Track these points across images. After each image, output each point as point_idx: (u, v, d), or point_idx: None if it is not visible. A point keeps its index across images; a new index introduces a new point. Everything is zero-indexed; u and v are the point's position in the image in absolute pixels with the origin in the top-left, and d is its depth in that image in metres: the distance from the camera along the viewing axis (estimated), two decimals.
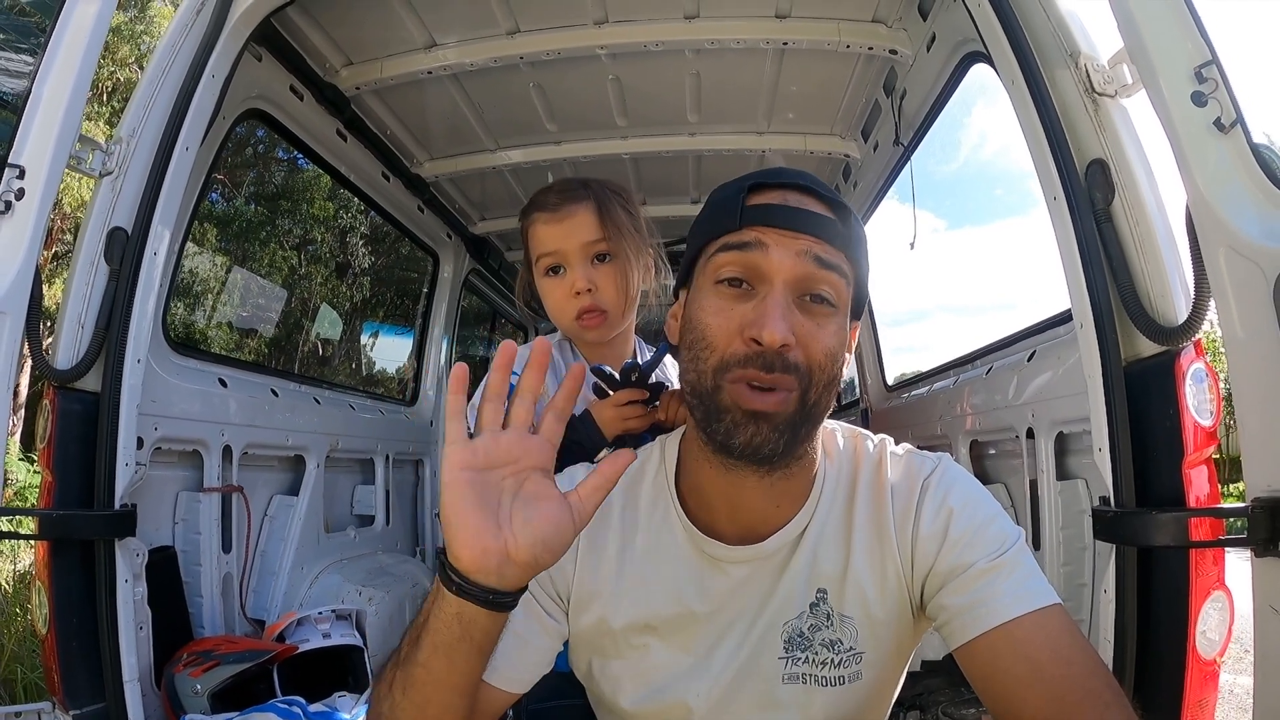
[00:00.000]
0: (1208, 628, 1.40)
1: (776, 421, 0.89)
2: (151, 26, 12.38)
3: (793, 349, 0.89)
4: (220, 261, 11.75)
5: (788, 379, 0.89)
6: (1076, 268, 1.53)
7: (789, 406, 0.90)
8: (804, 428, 0.92)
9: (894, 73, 2.65)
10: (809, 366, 0.90)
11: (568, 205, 1.55)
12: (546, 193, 1.60)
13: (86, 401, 1.77)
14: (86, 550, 1.74)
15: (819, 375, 0.91)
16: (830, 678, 1.00)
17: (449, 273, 4.10)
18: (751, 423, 0.90)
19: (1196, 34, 1.32)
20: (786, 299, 0.90)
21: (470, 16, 2.49)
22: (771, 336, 0.87)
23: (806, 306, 0.92)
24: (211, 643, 2.14)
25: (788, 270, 0.91)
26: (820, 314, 0.92)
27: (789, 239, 0.91)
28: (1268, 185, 1.26)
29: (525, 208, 1.62)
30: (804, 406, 0.91)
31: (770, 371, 0.89)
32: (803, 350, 0.90)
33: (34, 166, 1.64)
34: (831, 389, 0.93)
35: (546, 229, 1.56)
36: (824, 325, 0.92)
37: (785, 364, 0.89)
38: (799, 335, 0.89)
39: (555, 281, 1.56)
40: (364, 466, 3.33)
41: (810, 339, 0.90)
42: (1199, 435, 1.43)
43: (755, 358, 0.89)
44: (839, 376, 0.94)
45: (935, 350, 4.86)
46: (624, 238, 1.53)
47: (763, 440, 0.90)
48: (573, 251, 1.54)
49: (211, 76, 1.95)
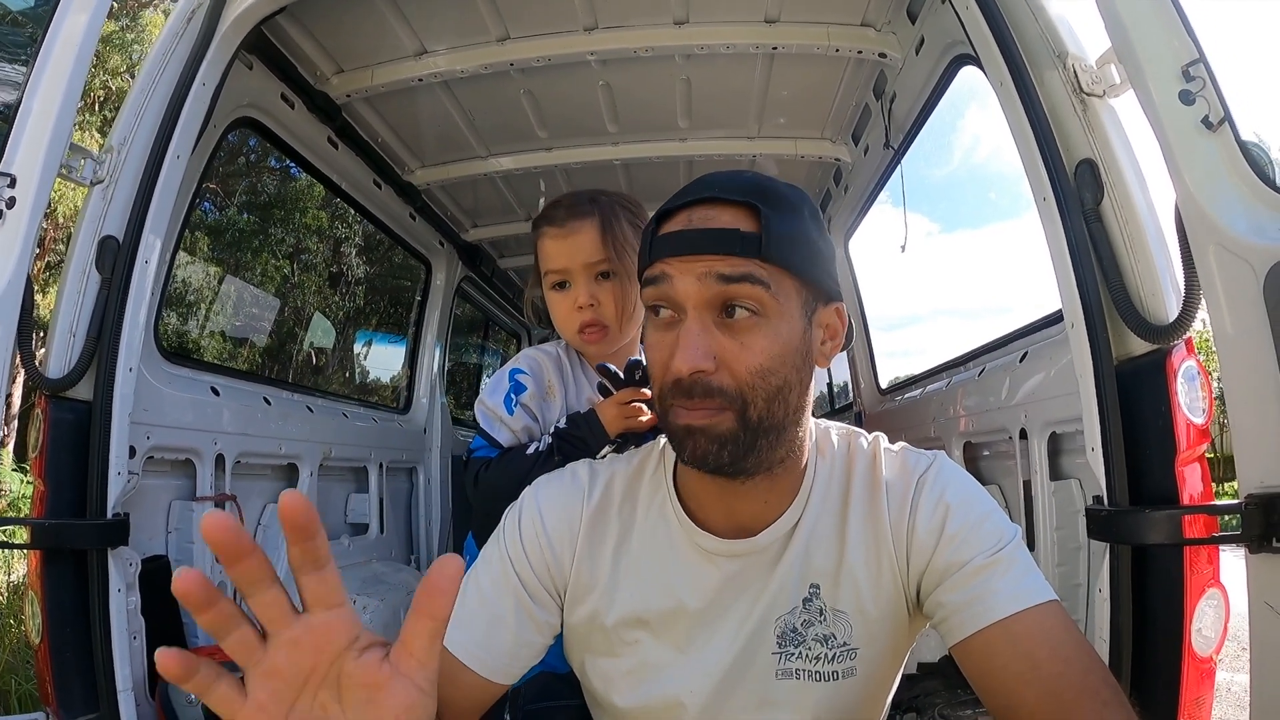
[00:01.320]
0: (1203, 625, 1.41)
1: (713, 434, 0.90)
2: (143, 35, 12.38)
3: (714, 373, 0.89)
4: (212, 270, 11.71)
5: (710, 402, 0.90)
6: (1067, 268, 1.53)
7: (724, 423, 0.90)
8: (757, 439, 0.92)
9: (883, 76, 2.66)
10: (737, 387, 0.90)
11: (573, 221, 1.57)
12: (556, 207, 1.62)
13: (79, 410, 1.76)
14: (79, 560, 1.73)
15: (752, 393, 0.90)
16: (824, 673, 1.00)
17: (441, 280, 4.09)
18: (689, 437, 0.91)
19: (1183, 33, 1.33)
20: (702, 324, 0.90)
21: (461, 24, 2.49)
22: (679, 368, 0.89)
23: (727, 324, 0.91)
24: (206, 652, 2.12)
25: (694, 296, 0.90)
26: (743, 329, 0.90)
27: (690, 263, 0.91)
28: (1256, 183, 1.27)
29: (536, 219, 1.65)
30: (745, 423, 0.90)
31: (691, 398, 0.90)
32: (728, 372, 0.90)
33: (25, 175, 1.64)
34: (780, 399, 0.92)
35: (553, 244, 1.59)
36: (748, 342, 0.90)
37: (707, 389, 0.89)
38: (721, 357, 0.90)
39: (561, 296, 1.60)
40: (357, 475, 3.31)
41: (733, 359, 0.90)
42: (1191, 433, 1.43)
43: (675, 386, 0.91)
44: (790, 383, 0.93)
45: (928, 353, 4.88)
46: (626, 255, 1.55)
47: (704, 452, 0.91)
48: (577, 269, 1.57)
49: (202, 85, 1.95)
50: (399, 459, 3.64)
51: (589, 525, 1.06)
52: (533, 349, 1.68)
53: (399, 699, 0.60)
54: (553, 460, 1.45)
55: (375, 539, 3.28)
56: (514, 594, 1.02)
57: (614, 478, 1.10)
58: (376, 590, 2.86)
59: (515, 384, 1.58)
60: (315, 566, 0.58)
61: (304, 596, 0.59)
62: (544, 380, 1.61)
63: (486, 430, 1.57)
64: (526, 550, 1.04)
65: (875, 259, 3.81)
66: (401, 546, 3.63)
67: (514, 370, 1.60)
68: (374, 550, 3.27)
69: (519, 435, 1.56)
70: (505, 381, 1.58)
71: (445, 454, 3.94)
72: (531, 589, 1.03)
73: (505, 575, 1.03)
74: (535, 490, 1.10)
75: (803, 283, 0.93)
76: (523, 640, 1.02)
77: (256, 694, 0.59)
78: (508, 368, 1.62)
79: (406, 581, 3.11)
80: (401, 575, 3.18)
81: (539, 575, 1.04)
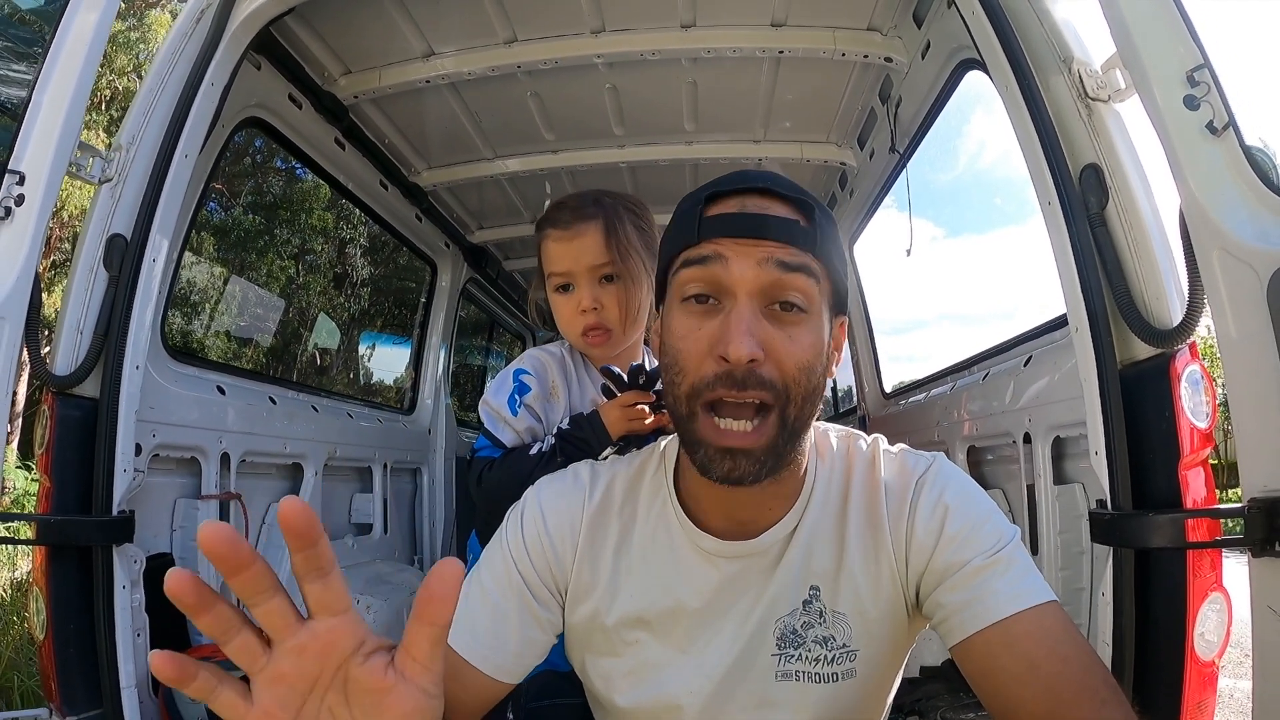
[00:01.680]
0: (1206, 629, 1.41)
1: (756, 454, 0.89)
2: (149, 35, 12.43)
3: (763, 364, 0.87)
4: (219, 269, 11.76)
5: (762, 394, 0.87)
6: (1071, 272, 1.53)
7: (766, 436, 0.88)
8: (787, 447, 0.91)
9: (889, 80, 2.67)
10: (784, 381, 0.88)
11: (578, 224, 1.56)
12: (560, 208, 1.61)
13: (85, 407, 1.77)
14: (84, 556, 1.74)
15: (795, 390, 0.89)
16: (823, 674, 1.00)
17: (447, 281, 4.10)
18: (728, 458, 0.89)
19: (1188, 38, 1.33)
20: (753, 311, 0.88)
21: (468, 26, 2.50)
22: (738, 352, 0.85)
23: (776, 315, 0.89)
24: (209, 650, 2.13)
25: (750, 281, 0.88)
26: (791, 322, 0.89)
27: (749, 247, 0.89)
28: (1260, 187, 1.27)
29: (540, 221, 1.63)
30: (785, 426, 0.89)
31: (743, 389, 0.87)
32: (775, 364, 0.88)
33: (34, 173, 1.65)
34: (812, 400, 0.91)
35: (557, 247, 1.58)
36: (796, 336, 0.89)
37: (758, 380, 0.87)
38: (769, 349, 0.88)
39: (565, 298, 1.59)
40: (362, 475, 3.32)
41: (782, 352, 0.88)
42: (1195, 437, 1.43)
43: (725, 376, 0.87)
44: (820, 386, 0.92)
45: (932, 357, 4.86)
46: (631, 258, 1.55)
47: (742, 473, 0.89)
48: (580, 272, 1.56)
49: (211, 85, 1.96)
50: (403, 459, 3.65)
51: (590, 525, 1.06)
52: (537, 349, 1.68)
53: (406, 703, 0.60)
54: (555, 461, 1.45)
55: (379, 539, 3.29)
56: (517, 593, 1.03)
57: (615, 479, 1.10)
58: (380, 590, 2.87)
59: (519, 384, 1.58)
60: (319, 573, 0.57)
61: (308, 603, 0.59)
62: (548, 381, 1.61)
63: (490, 430, 1.57)
64: (529, 549, 1.05)
65: (880, 263, 3.83)
66: (405, 547, 3.64)
67: (518, 371, 1.60)
68: (378, 550, 3.28)
69: (522, 435, 1.56)
70: (509, 382, 1.58)
71: (449, 455, 3.95)
72: (534, 588, 1.04)
73: (508, 574, 1.04)
74: (537, 490, 1.10)
75: (834, 289, 0.94)
76: (527, 638, 1.02)
77: (262, 699, 0.59)
78: (512, 368, 1.61)
79: (410, 582, 3.11)
80: (405, 575, 3.19)
81: (540, 574, 1.04)
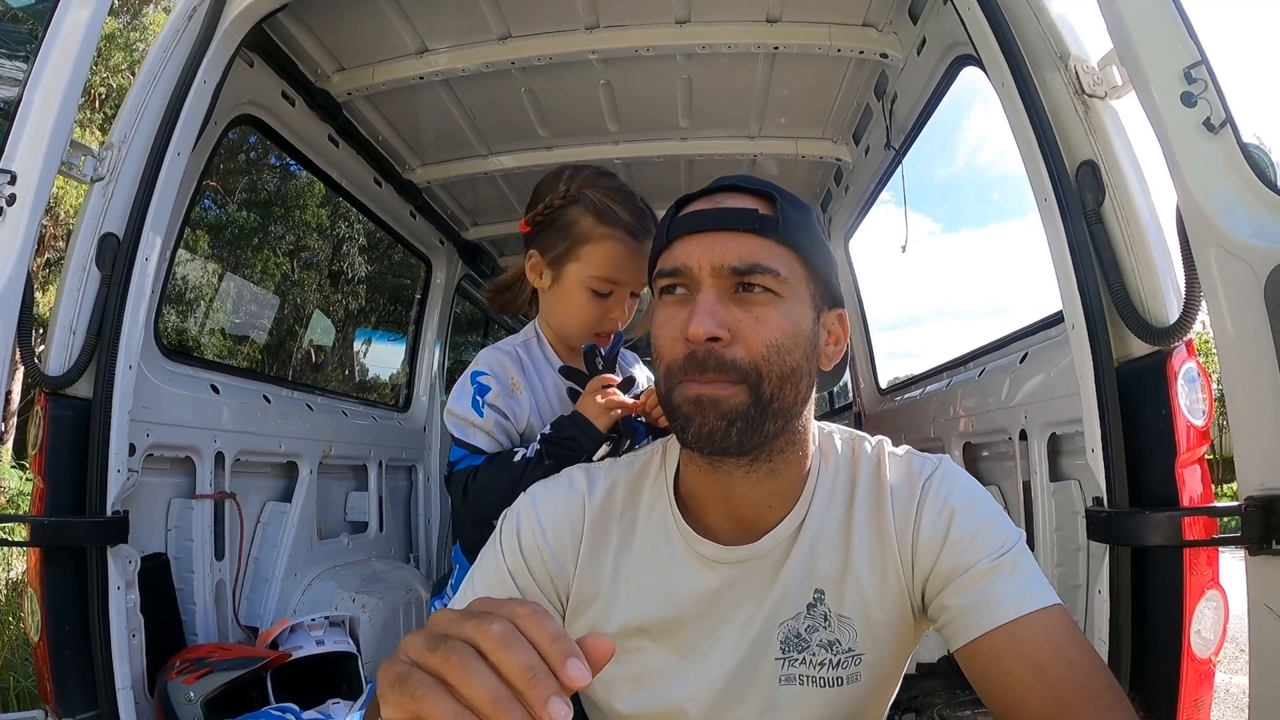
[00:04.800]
0: (1202, 627, 1.41)
1: (723, 409, 0.90)
2: (145, 33, 12.37)
3: (728, 344, 0.90)
4: (212, 268, 11.72)
5: (723, 376, 0.90)
6: (1068, 269, 1.53)
7: (736, 396, 0.90)
8: (765, 419, 0.92)
9: (885, 76, 2.66)
10: (752, 361, 0.91)
11: (645, 242, 1.49)
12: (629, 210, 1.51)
13: (78, 408, 1.76)
14: (79, 557, 1.73)
15: (766, 368, 0.91)
16: (828, 679, 1.00)
17: (441, 279, 4.09)
18: (698, 411, 0.91)
19: (1186, 35, 1.33)
20: (717, 294, 0.92)
21: (462, 22, 2.49)
22: (695, 330, 0.89)
23: (742, 299, 0.93)
24: (204, 650, 2.13)
25: (710, 263, 0.92)
26: (758, 303, 0.93)
27: (709, 236, 0.94)
28: (1257, 185, 1.27)
29: (600, 210, 1.50)
30: (757, 400, 0.91)
31: (704, 372, 0.90)
32: (743, 345, 0.91)
33: (25, 172, 1.63)
34: (791, 382, 0.93)
35: (624, 253, 1.51)
36: (763, 316, 0.92)
37: (720, 362, 0.90)
38: (736, 330, 0.91)
39: (597, 301, 1.54)
40: (357, 473, 3.31)
41: (749, 333, 0.91)
42: (1191, 435, 1.43)
43: (691, 359, 0.91)
44: (800, 369, 0.94)
45: (928, 353, 4.88)
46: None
47: (711, 429, 0.91)
48: (630, 284, 1.54)
49: (203, 82, 1.95)
50: (398, 457, 3.64)
51: (591, 533, 1.05)
52: (489, 349, 1.62)
53: None
54: (543, 465, 1.42)
55: (374, 537, 3.29)
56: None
57: (615, 484, 1.09)
58: (375, 588, 2.86)
59: (479, 386, 1.53)
60: None
61: None
62: (507, 378, 1.55)
63: (462, 439, 1.52)
64: (527, 560, 1.04)
65: (876, 259, 3.82)
66: (400, 544, 3.63)
67: (475, 374, 1.54)
68: (373, 548, 3.27)
69: (495, 435, 1.51)
70: (468, 385, 1.53)
71: (444, 453, 3.92)
72: (534, 598, 1.02)
73: (505, 588, 1.02)
74: (532, 498, 1.08)
75: (812, 274, 0.96)
76: None
77: None
78: (467, 373, 1.56)
79: (405, 580, 3.11)
80: (400, 573, 3.18)
81: (541, 585, 1.03)
